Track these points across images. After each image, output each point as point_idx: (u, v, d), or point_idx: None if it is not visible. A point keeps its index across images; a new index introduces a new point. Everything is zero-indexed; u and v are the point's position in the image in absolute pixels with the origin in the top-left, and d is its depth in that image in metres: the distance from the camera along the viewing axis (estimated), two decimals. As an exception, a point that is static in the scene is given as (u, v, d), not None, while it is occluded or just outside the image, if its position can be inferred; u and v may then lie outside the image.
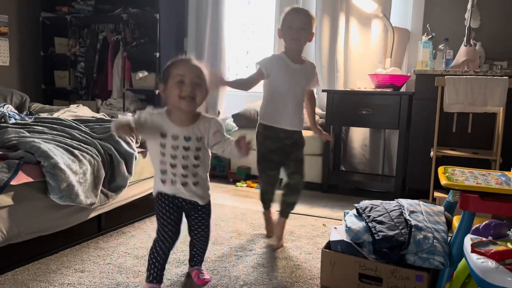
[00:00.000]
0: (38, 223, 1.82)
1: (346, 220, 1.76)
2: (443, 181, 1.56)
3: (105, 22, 4.08)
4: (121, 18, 3.87)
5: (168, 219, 1.55)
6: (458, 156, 2.62)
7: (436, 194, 2.62)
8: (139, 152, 2.32)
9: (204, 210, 1.61)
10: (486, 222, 1.31)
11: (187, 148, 1.50)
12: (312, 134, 2.37)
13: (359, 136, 3.52)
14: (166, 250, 1.57)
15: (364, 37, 3.47)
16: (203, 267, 1.78)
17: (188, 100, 1.46)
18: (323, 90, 3.25)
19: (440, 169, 1.74)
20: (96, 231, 2.19)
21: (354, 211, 1.82)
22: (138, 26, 3.95)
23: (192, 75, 1.47)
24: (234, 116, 3.61)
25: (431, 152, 2.63)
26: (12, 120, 2.47)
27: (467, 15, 2.91)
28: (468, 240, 1.25)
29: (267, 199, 2.24)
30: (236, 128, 3.66)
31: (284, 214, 2.16)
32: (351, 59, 3.50)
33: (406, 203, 1.80)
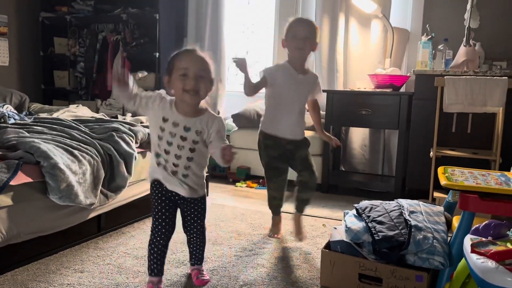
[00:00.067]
0: (37, 223, 1.82)
1: (346, 220, 1.76)
2: (443, 181, 1.56)
3: (104, 22, 4.08)
4: (120, 18, 3.87)
5: (163, 209, 1.56)
6: (457, 156, 2.62)
7: (436, 194, 2.63)
8: (138, 152, 2.32)
9: (194, 206, 1.61)
10: (486, 222, 1.31)
11: (184, 138, 1.50)
12: (313, 134, 2.38)
13: (358, 136, 3.52)
14: (162, 241, 1.58)
15: (363, 37, 3.47)
16: (203, 267, 1.78)
17: (191, 93, 1.46)
18: (323, 91, 3.24)
19: (440, 169, 1.74)
20: (95, 231, 2.19)
21: (354, 211, 1.82)
22: (138, 26, 3.95)
23: (196, 68, 1.46)
24: (234, 116, 3.61)
25: (431, 152, 2.63)
26: (12, 120, 2.47)
27: (467, 16, 2.91)
28: (468, 240, 1.25)
29: (276, 204, 2.25)
30: (236, 128, 3.66)
31: (299, 209, 2.19)
32: (351, 59, 3.50)
33: (406, 203, 1.80)
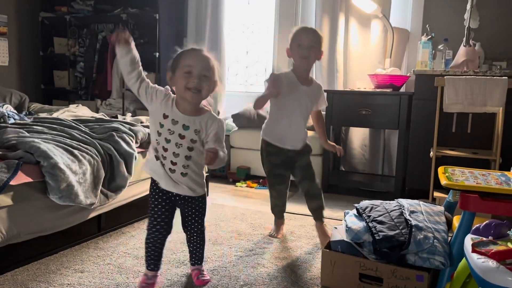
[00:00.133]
0: (37, 223, 1.82)
1: (346, 220, 1.76)
2: (443, 181, 1.56)
3: (104, 22, 4.08)
4: (120, 18, 3.87)
5: (159, 210, 1.57)
6: (457, 156, 2.62)
7: (436, 194, 2.63)
8: (138, 152, 2.32)
9: (193, 205, 1.61)
10: (487, 222, 1.31)
11: (182, 136, 1.50)
12: (312, 134, 2.38)
13: (359, 136, 3.52)
14: (158, 240, 1.59)
15: (363, 37, 3.47)
16: (204, 267, 1.77)
17: (194, 91, 1.46)
18: (323, 91, 3.25)
19: (440, 169, 1.74)
20: (95, 231, 2.19)
21: (354, 211, 1.81)
22: (138, 26, 3.95)
23: (201, 67, 1.47)
24: (233, 116, 3.61)
25: (431, 152, 2.63)
26: (11, 120, 2.47)
27: (467, 16, 2.91)
28: (469, 240, 1.25)
29: (278, 211, 2.27)
30: (235, 128, 3.66)
31: (316, 219, 2.18)
32: (351, 59, 3.50)
33: (406, 203, 1.80)
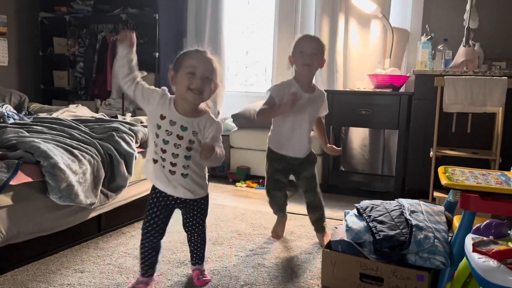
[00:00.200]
0: (37, 223, 1.82)
1: (346, 220, 1.76)
2: (444, 181, 1.56)
3: (104, 22, 4.07)
4: (120, 18, 3.87)
5: (155, 216, 1.57)
6: (457, 156, 2.62)
7: (436, 194, 2.63)
8: (139, 152, 2.31)
9: (195, 207, 1.60)
10: (487, 221, 1.31)
11: (180, 137, 1.49)
12: (312, 134, 2.37)
13: (358, 136, 3.52)
14: (151, 244, 1.59)
15: (363, 37, 3.47)
16: (204, 267, 1.77)
17: (196, 92, 1.46)
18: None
19: (440, 169, 1.74)
20: (96, 231, 2.18)
21: (355, 211, 1.82)
22: (137, 26, 3.95)
23: (204, 69, 1.46)
24: (233, 116, 3.61)
25: (431, 152, 2.63)
26: (11, 120, 2.47)
27: (466, 16, 2.92)
28: (469, 239, 1.25)
29: (275, 212, 2.28)
30: (235, 128, 3.66)
31: (318, 229, 2.18)
32: (351, 60, 3.51)
33: (406, 203, 1.80)
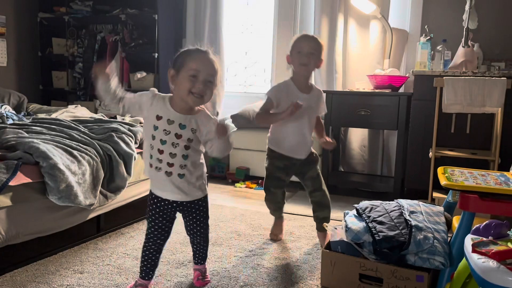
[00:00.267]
0: (37, 224, 1.81)
1: (346, 221, 1.76)
2: (443, 181, 1.57)
3: (103, 23, 4.07)
4: (119, 18, 3.86)
5: (157, 219, 1.55)
6: (456, 157, 2.62)
7: (435, 195, 2.63)
8: (138, 153, 2.31)
9: (195, 209, 1.59)
10: (487, 222, 1.31)
11: (178, 136, 1.48)
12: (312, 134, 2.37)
13: (358, 137, 3.52)
14: (154, 247, 1.58)
15: (362, 38, 3.47)
16: (206, 266, 1.76)
17: (197, 96, 1.45)
18: (322, 91, 3.25)
19: (440, 169, 1.75)
20: (95, 232, 2.18)
21: (354, 212, 1.82)
22: (137, 27, 3.94)
23: (206, 73, 1.44)
24: (232, 116, 3.60)
25: (430, 153, 2.63)
26: (10, 121, 2.46)
27: (465, 16, 2.92)
28: (469, 240, 1.25)
29: (273, 212, 2.27)
30: (234, 128, 3.66)
31: (320, 228, 2.17)
32: (350, 60, 3.51)
33: (406, 203, 1.80)
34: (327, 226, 2.18)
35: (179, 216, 1.64)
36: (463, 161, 2.66)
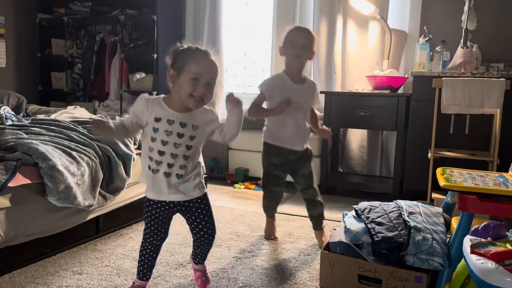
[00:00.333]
0: (36, 225, 1.81)
1: (345, 221, 1.76)
2: (442, 182, 1.57)
3: (102, 24, 4.07)
4: (118, 19, 3.86)
5: (154, 219, 1.54)
6: (455, 158, 2.63)
7: (434, 195, 2.63)
8: (137, 154, 2.31)
9: (195, 208, 1.56)
10: (485, 223, 1.32)
11: (181, 135, 1.46)
12: (311, 135, 2.37)
13: (356, 137, 3.53)
14: (152, 247, 1.57)
15: (361, 39, 3.48)
16: (207, 265, 1.75)
17: (197, 99, 1.43)
18: (321, 92, 3.26)
19: (439, 170, 1.75)
20: (94, 233, 2.18)
21: (353, 213, 1.82)
22: (136, 28, 3.94)
23: (208, 76, 1.43)
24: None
25: (429, 154, 2.63)
26: (9, 122, 2.46)
27: (464, 17, 2.92)
28: (468, 241, 1.25)
29: (268, 211, 2.27)
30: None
31: (316, 227, 2.18)
32: (349, 61, 3.51)
33: (404, 204, 1.80)
34: (324, 227, 2.18)
35: (177, 216, 1.64)
36: (462, 162, 2.66)
